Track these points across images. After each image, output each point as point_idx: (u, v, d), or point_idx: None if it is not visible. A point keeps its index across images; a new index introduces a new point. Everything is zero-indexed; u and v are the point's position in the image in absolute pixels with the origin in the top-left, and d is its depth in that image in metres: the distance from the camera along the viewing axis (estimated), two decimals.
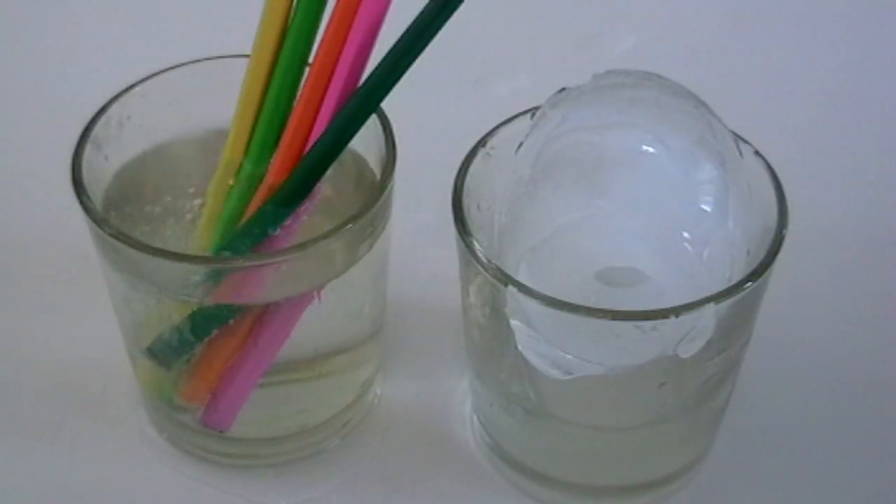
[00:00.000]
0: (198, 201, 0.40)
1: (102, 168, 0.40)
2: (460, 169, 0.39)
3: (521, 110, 0.40)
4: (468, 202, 0.38)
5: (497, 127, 0.40)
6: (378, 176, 0.40)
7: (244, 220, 0.38)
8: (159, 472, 0.43)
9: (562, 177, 0.39)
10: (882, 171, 0.53)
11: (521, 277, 0.36)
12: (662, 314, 0.35)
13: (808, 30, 0.60)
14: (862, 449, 0.43)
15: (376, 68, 0.36)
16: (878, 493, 0.42)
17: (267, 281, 0.38)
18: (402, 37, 0.36)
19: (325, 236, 0.37)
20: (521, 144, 0.39)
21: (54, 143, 0.42)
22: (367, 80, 0.36)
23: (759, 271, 0.36)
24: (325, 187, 0.38)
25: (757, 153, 0.39)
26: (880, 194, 0.52)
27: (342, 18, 0.36)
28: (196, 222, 0.40)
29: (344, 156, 0.37)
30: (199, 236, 0.40)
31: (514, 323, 0.36)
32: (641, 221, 0.39)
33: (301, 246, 0.37)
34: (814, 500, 0.42)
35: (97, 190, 0.39)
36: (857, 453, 0.43)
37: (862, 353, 0.46)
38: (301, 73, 0.38)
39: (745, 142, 0.39)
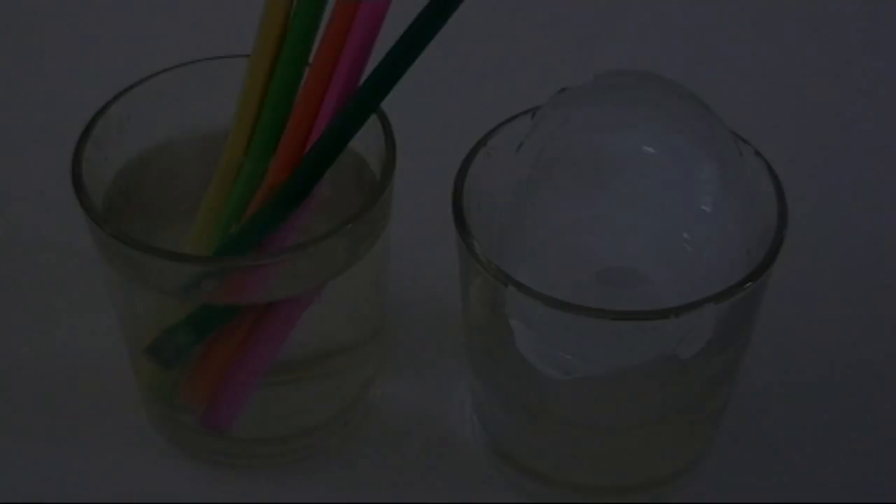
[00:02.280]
0: (198, 201, 0.40)
1: (102, 168, 0.40)
2: (460, 169, 0.38)
3: (521, 110, 0.40)
4: (468, 202, 0.38)
5: (497, 127, 0.40)
6: (378, 176, 0.39)
7: (244, 220, 0.38)
8: (159, 472, 0.43)
9: (562, 177, 0.39)
10: (882, 171, 0.53)
11: (521, 277, 0.36)
12: (662, 314, 0.35)
13: (808, 30, 0.60)
14: (862, 449, 0.43)
15: (376, 68, 0.36)
16: (878, 493, 0.42)
17: (267, 281, 0.38)
18: (402, 37, 0.35)
19: (325, 236, 0.37)
20: (521, 144, 0.39)
21: (54, 143, 0.42)
22: (367, 80, 0.36)
23: (759, 271, 0.36)
24: (325, 187, 0.38)
25: (757, 153, 0.39)
26: (880, 194, 0.52)
27: (342, 19, 0.36)
28: (196, 222, 0.40)
29: (344, 156, 0.37)
30: (199, 236, 0.39)
31: (514, 323, 0.36)
32: (641, 221, 0.39)
33: (301, 246, 0.37)
34: (813, 501, 0.42)
35: (97, 190, 0.39)
36: (857, 453, 0.43)
37: (862, 353, 0.46)
38: (301, 73, 0.38)
39: (745, 142, 0.39)
